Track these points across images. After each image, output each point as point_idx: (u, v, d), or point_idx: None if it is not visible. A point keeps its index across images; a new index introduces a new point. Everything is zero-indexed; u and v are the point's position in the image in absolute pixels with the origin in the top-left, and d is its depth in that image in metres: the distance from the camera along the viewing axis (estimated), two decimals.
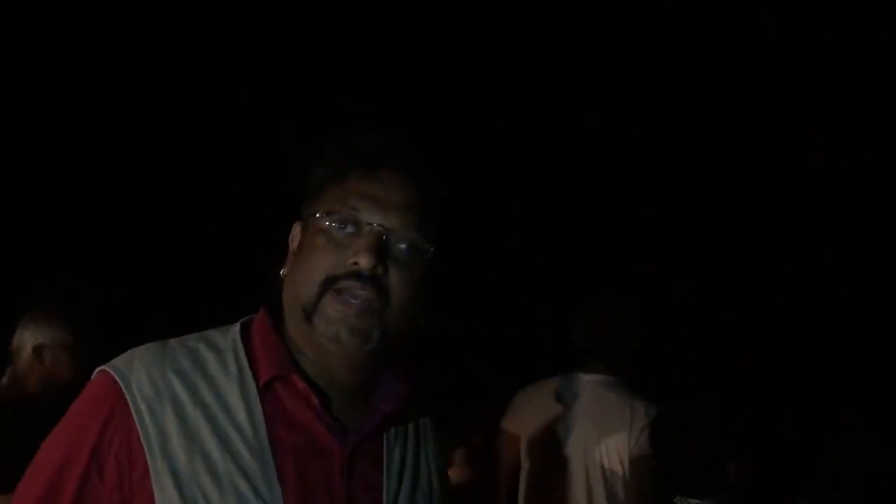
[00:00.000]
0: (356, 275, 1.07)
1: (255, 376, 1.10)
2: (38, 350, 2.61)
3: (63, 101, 4.09)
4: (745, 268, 4.69)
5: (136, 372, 1.07)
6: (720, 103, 4.52)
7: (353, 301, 1.07)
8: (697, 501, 1.95)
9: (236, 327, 1.15)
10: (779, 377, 4.13)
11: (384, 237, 1.09)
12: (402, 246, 1.10)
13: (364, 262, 1.06)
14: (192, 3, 4.15)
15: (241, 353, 1.11)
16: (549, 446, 2.86)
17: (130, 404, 1.04)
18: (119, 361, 1.09)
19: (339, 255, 1.08)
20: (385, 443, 1.15)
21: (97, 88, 4.13)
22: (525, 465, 2.93)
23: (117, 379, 1.06)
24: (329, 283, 1.08)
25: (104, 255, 4.23)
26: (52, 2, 3.98)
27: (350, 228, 1.10)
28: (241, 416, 1.06)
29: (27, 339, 2.63)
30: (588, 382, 2.88)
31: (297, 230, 1.18)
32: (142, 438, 1.03)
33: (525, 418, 2.95)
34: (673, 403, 2.36)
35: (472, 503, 3.11)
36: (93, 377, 1.10)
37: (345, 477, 1.09)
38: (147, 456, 1.02)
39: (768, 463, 2.10)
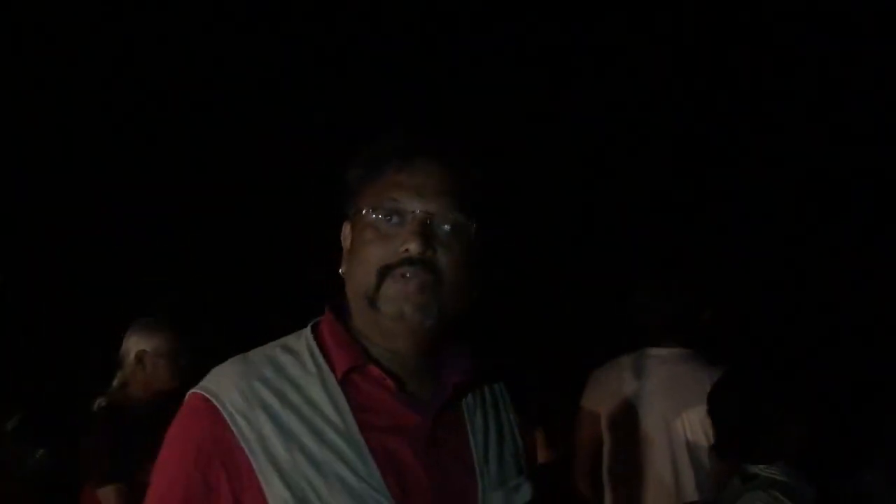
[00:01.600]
0: (409, 261, 1.14)
1: (333, 370, 1.18)
2: (139, 357, 2.86)
3: (66, 101, 4.07)
4: (748, 267, 4.70)
5: (226, 388, 1.16)
6: (721, 103, 4.54)
7: (413, 280, 1.14)
8: (765, 467, 1.94)
9: (308, 330, 1.24)
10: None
11: (428, 221, 1.15)
12: (447, 227, 1.16)
13: (413, 247, 1.14)
14: (193, 2, 4.14)
15: (317, 352, 1.20)
16: (631, 421, 2.88)
17: (226, 417, 1.13)
18: (207, 382, 1.19)
19: (390, 244, 1.16)
20: (465, 411, 1.24)
21: (102, 88, 4.11)
22: (606, 440, 2.96)
23: (209, 397, 1.15)
24: (385, 271, 1.15)
25: (107, 256, 4.21)
26: (52, 2, 3.96)
27: (395, 219, 1.17)
28: (328, 408, 1.15)
29: (131, 346, 2.89)
30: (665, 356, 2.89)
31: (346, 229, 1.25)
32: (242, 444, 1.12)
33: (604, 395, 2.96)
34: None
35: (552, 482, 3.11)
36: (186, 400, 1.20)
37: (432, 447, 1.17)
38: (250, 458, 1.11)
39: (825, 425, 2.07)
